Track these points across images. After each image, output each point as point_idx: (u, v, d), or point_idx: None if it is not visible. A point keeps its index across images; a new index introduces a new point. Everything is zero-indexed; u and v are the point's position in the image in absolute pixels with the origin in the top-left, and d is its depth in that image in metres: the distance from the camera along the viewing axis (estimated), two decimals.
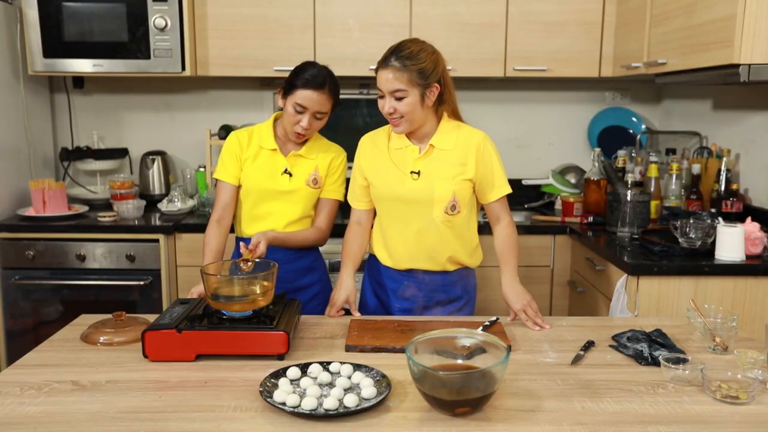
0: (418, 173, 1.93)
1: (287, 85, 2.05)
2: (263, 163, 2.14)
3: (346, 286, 1.99)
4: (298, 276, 2.21)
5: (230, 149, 2.14)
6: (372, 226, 2.11)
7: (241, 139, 2.15)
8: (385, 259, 2.05)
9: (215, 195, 2.18)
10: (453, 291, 2.01)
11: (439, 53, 1.91)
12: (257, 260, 1.81)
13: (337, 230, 2.25)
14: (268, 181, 2.13)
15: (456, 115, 1.98)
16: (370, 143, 2.05)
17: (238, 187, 2.15)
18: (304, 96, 2.00)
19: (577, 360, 1.59)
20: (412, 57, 1.83)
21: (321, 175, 2.17)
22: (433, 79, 1.85)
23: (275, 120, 2.18)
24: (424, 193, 1.92)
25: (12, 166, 3.03)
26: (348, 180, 2.16)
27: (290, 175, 2.13)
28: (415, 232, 1.96)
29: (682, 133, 3.33)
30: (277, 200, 2.14)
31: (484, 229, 2.10)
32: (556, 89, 3.56)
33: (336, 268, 2.85)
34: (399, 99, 1.84)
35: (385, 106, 1.87)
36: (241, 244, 1.92)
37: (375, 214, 2.09)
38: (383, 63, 1.86)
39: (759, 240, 2.31)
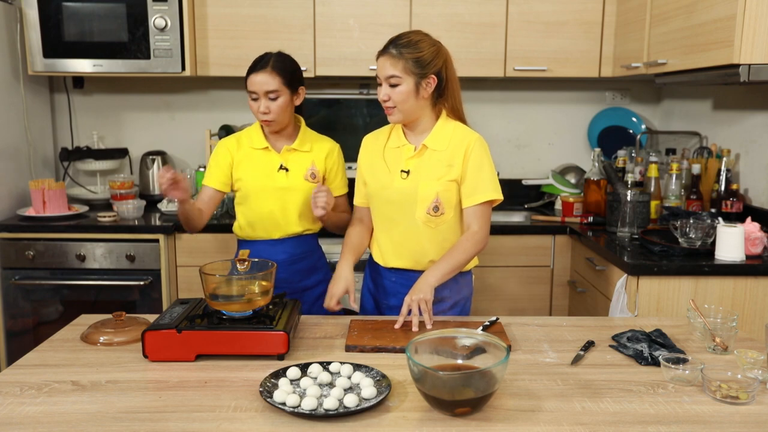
0: (408, 173, 1.93)
1: (245, 82, 2.09)
2: (257, 162, 2.14)
3: (345, 277, 1.95)
4: (302, 276, 2.21)
5: (218, 156, 2.15)
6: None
7: (229, 145, 2.16)
8: (377, 256, 2.06)
9: (197, 196, 2.19)
10: (440, 292, 1.95)
11: (441, 47, 1.91)
12: (255, 260, 1.80)
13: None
14: (265, 179, 2.12)
15: (456, 113, 1.96)
16: (371, 142, 2.05)
17: (222, 194, 2.15)
18: (250, 82, 2.06)
19: (577, 360, 1.59)
20: (409, 45, 1.85)
21: (318, 169, 2.16)
22: (430, 70, 1.86)
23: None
24: (409, 192, 1.91)
25: (12, 166, 3.03)
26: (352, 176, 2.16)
27: (287, 170, 2.13)
28: (401, 231, 1.96)
29: (682, 133, 3.33)
30: (277, 198, 2.13)
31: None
32: (556, 89, 3.56)
33: None
34: (393, 86, 1.86)
35: (380, 93, 1.89)
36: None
37: None
38: (382, 50, 1.89)
39: (759, 240, 2.31)
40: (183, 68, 3.02)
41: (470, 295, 2.09)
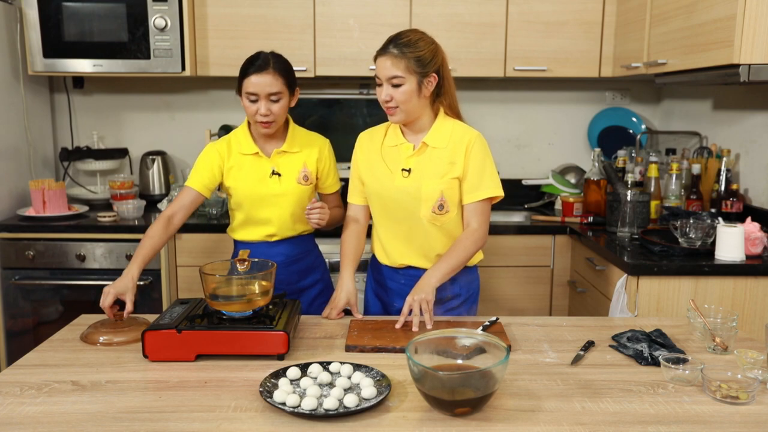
0: (409, 171, 1.92)
1: (238, 82, 2.04)
2: (249, 169, 2.09)
3: (347, 288, 1.96)
4: (300, 277, 2.21)
5: (207, 159, 2.08)
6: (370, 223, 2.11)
7: (220, 150, 2.09)
8: (382, 256, 2.05)
9: (177, 195, 2.10)
10: (451, 289, 1.97)
11: (438, 45, 1.91)
12: (255, 260, 1.80)
13: (337, 231, 2.25)
14: (258, 186, 2.09)
15: (454, 111, 1.96)
16: (367, 140, 2.04)
17: (203, 198, 2.07)
18: (250, 83, 1.99)
19: (577, 360, 1.59)
20: (410, 45, 1.84)
21: (311, 171, 2.14)
22: (430, 68, 1.86)
23: (249, 123, 2.13)
24: (412, 191, 1.91)
25: (12, 166, 3.03)
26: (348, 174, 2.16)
27: (279, 175, 2.10)
28: (405, 230, 1.96)
29: (682, 133, 3.33)
30: (272, 204, 2.10)
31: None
32: (556, 89, 3.56)
33: (336, 268, 2.85)
34: (396, 86, 1.84)
35: (382, 93, 1.87)
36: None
37: None
38: (382, 50, 1.87)
39: (759, 240, 2.31)
40: (183, 68, 3.02)
41: (478, 289, 2.10)
